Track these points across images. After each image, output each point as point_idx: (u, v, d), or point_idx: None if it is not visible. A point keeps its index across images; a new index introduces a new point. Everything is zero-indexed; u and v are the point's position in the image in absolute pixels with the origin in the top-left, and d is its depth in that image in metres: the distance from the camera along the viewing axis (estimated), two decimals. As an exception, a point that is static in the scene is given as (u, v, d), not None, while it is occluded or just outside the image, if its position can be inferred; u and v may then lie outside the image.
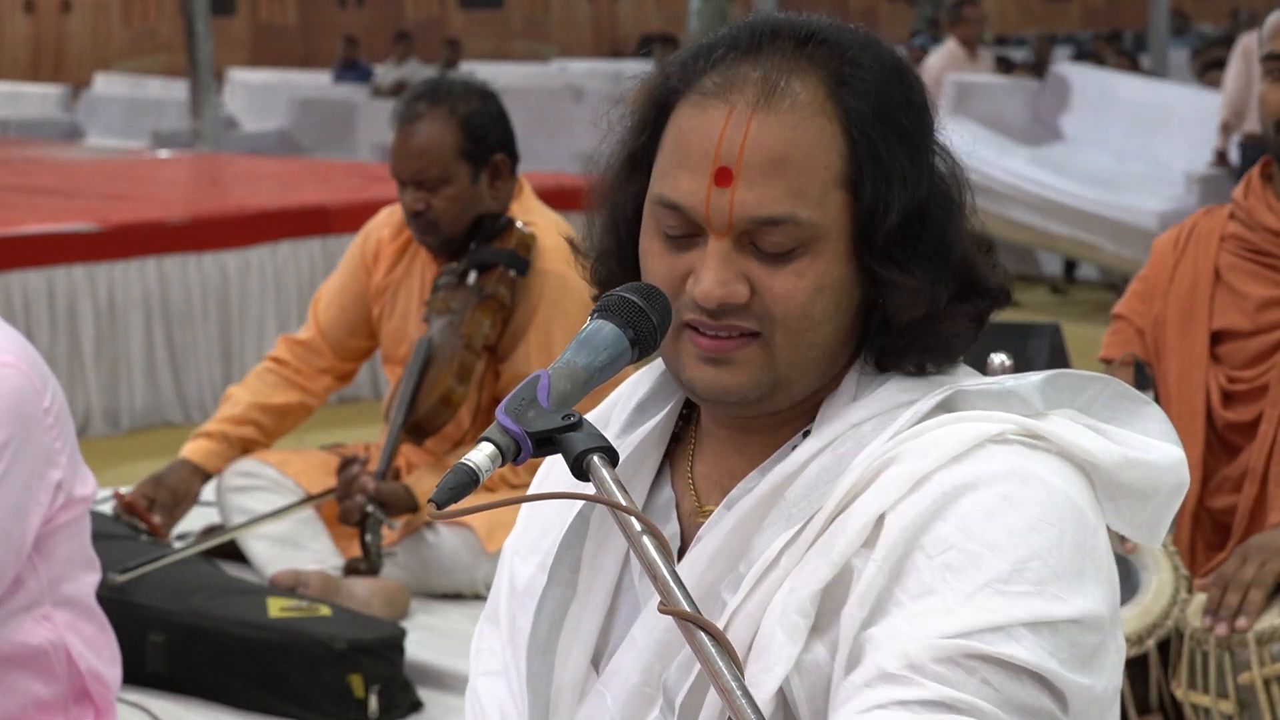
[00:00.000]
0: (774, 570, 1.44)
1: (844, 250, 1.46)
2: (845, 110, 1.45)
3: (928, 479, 1.41)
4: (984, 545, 1.38)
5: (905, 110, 1.47)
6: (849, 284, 1.46)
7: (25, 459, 2.43)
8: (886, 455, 1.43)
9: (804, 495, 1.46)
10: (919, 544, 1.39)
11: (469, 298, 3.86)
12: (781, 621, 1.41)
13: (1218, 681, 2.56)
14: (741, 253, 1.46)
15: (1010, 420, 1.45)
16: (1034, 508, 1.40)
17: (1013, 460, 1.42)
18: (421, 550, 3.89)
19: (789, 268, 1.45)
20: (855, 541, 1.41)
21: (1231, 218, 2.90)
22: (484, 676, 1.66)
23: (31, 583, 2.51)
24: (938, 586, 1.37)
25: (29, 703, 2.53)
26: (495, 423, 1.40)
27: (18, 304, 6.55)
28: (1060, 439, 1.45)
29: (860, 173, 1.45)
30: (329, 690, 3.39)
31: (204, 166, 10.17)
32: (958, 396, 1.47)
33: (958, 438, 1.43)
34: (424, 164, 3.83)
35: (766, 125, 1.44)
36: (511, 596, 1.64)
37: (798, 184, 1.44)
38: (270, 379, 4.15)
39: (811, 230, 1.44)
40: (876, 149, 1.45)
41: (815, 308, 1.45)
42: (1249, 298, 2.85)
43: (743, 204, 1.44)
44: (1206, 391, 2.86)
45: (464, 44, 20.97)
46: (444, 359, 3.85)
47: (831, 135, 1.45)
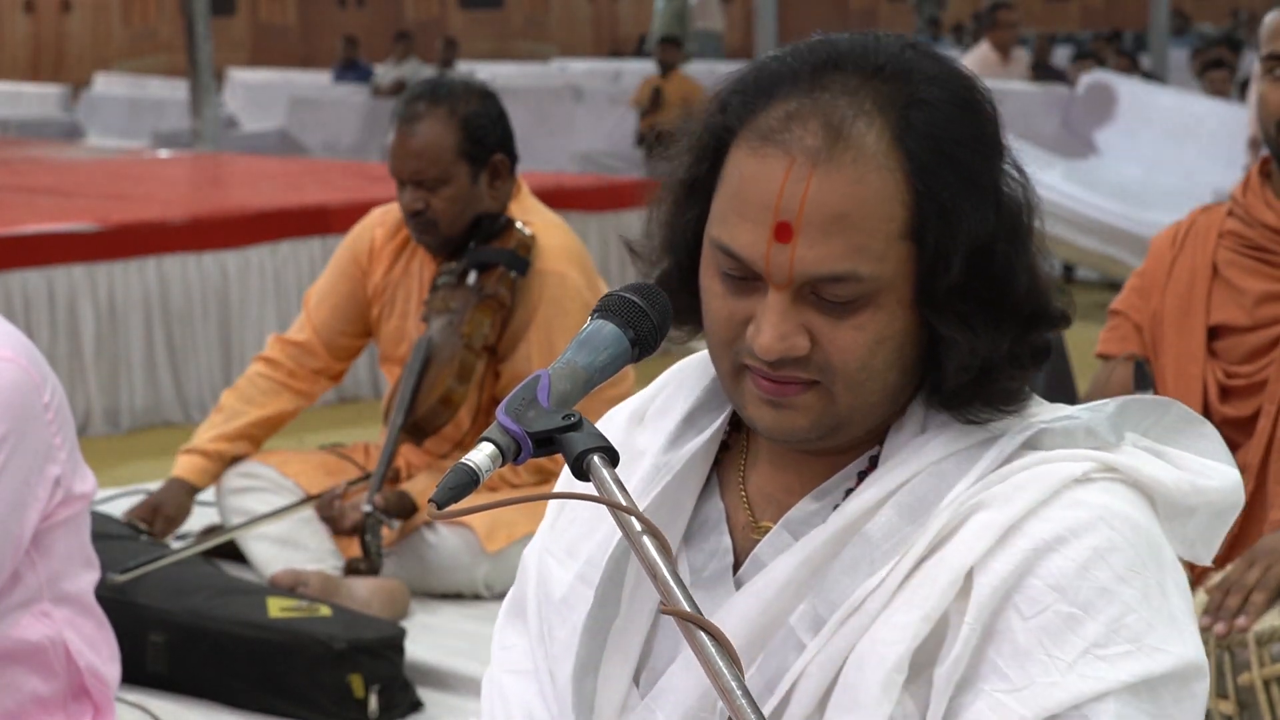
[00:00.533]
0: (857, 615, 1.41)
1: (907, 299, 1.42)
2: (909, 158, 1.40)
3: (1016, 530, 1.39)
4: (1078, 606, 1.37)
5: (972, 148, 1.43)
6: (911, 331, 1.43)
7: (24, 454, 2.43)
8: (973, 500, 1.41)
9: (885, 536, 1.43)
10: (1011, 603, 1.38)
11: (469, 297, 3.86)
12: (876, 676, 1.39)
13: (1217, 682, 2.56)
14: (802, 304, 1.42)
15: (1090, 458, 1.43)
16: (1123, 556, 1.39)
17: (1097, 502, 1.41)
18: (421, 550, 3.89)
19: (850, 321, 1.42)
20: (948, 594, 1.39)
21: (1230, 214, 2.91)
22: (511, 674, 1.64)
23: (30, 579, 2.51)
24: (1035, 653, 1.36)
25: (27, 699, 2.53)
26: (495, 423, 1.39)
27: (18, 304, 6.55)
28: (1135, 470, 1.44)
29: (924, 223, 1.41)
30: (329, 690, 3.39)
31: (204, 166, 10.17)
32: (1041, 435, 1.45)
33: (1043, 482, 1.41)
34: (423, 164, 3.83)
35: (827, 180, 1.39)
36: (546, 603, 1.61)
37: (859, 240, 1.40)
38: (264, 384, 4.13)
39: (873, 285, 1.40)
40: (940, 200, 1.40)
41: (876, 359, 1.43)
42: (1247, 293, 2.85)
43: (803, 261, 1.40)
44: (1204, 387, 2.87)
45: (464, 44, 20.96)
46: (444, 359, 3.85)
47: (895, 187, 1.40)
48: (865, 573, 1.43)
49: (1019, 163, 1.47)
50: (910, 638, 1.39)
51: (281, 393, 4.13)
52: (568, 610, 1.58)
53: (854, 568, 1.43)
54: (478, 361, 3.86)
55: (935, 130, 1.41)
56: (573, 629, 1.56)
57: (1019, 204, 1.45)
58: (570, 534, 1.63)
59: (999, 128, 1.46)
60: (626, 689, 1.54)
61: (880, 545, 1.43)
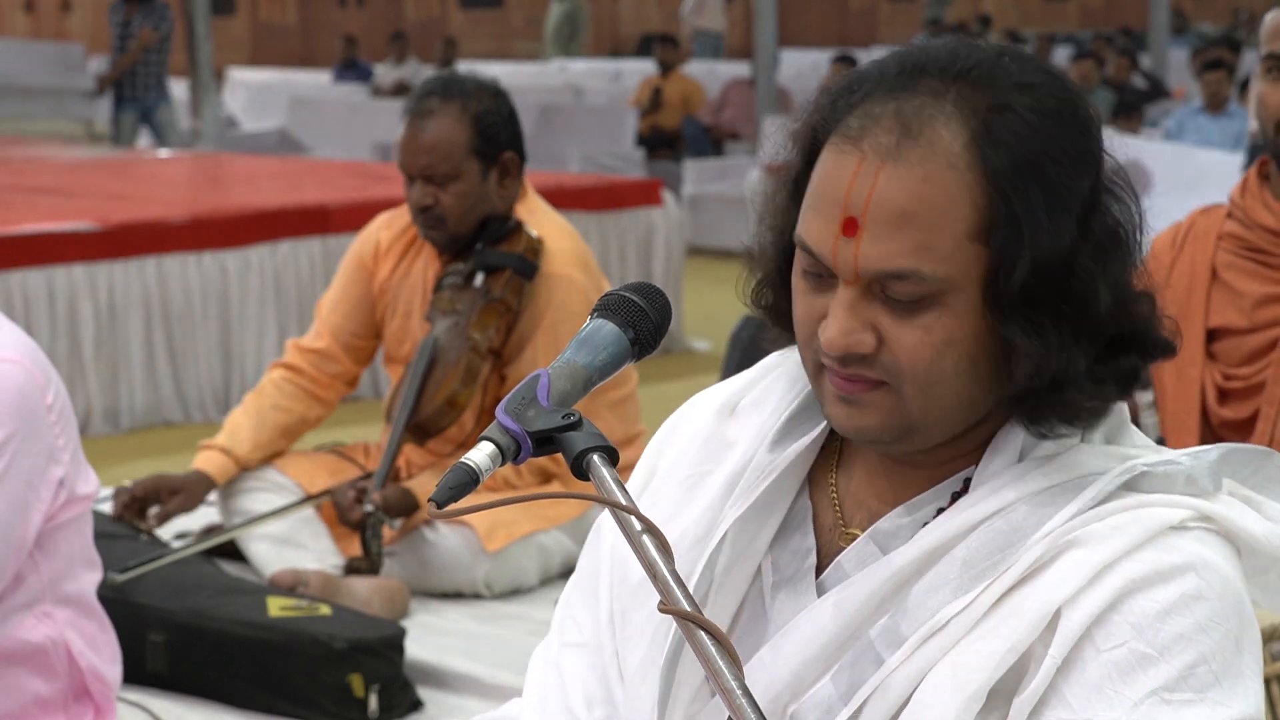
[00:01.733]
0: (940, 636, 1.41)
1: (977, 303, 1.40)
2: (985, 160, 1.39)
3: (1108, 570, 1.39)
4: (1153, 647, 1.37)
5: (1057, 158, 1.40)
6: (983, 337, 1.41)
7: (28, 455, 2.43)
8: (1068, 537, 1.40)
9: (975, 561, 1.42)
10: (1089, 634, 1.38)
11: (475, 300, 3.86)
12: (954, 701, 1.38)
13: (1217, 681, 2.56)
14: (871, 301, 1.41)
15: (1189, 505, 1.43)
16: (1207, 607, 1.39)
17: (1191, 551, 1.40)
18: (421, 550, 3.89)
19: (917, 320, 1.40)
20: (1035, 629, 1.39)
21: (1229, 216, 2.90)
22: (569, 647, 1.63)
23: (33, 580, 2.51)
24: (1103, 687, 1.36)
25: (29, 700, 2.53)
26: (495, 422, 1.39)
27: (18, 304, 6.55)
28: (1230, 521, 1.44)
29: (995, 227, 1.39)
30: (329, 690, 3.39)
31: (204, 166, 10.17)
32: (1141, 479, 1.44)
33: (1140, 525, 1.40)
34: (434, 159, 3.83)
35: (895, 177, 1.39)
36: (621, 585, 1.59)
37: (924, 238, 1.38)
38: (290, 390, 4.12)
39: (939, 285, 1.39)
40: (1013, 205, 1.38)
41: (944, 363, 1.41)
42: (1246, 295, 2.85)
43: (866, 257, 1.40)
44: (1202, 389, 2.87)
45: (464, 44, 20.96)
46: (449, 360, 3.85)
47: (966, 187, 1.39)
48: (951, 595, 1.42)
49: (1124, 182, 1.45)
50: (993, 668, 1.38)
51: (306, 399, 4.13)
52: (646, 595, 1.55)
53: (940, 588, 1.42)
54: (483, 364, 3.86)
55: (1017, 135, 1.39)
56: (648, 614, 1.54)
57: (1114, 222, 1.43)
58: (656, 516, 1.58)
59: (1096, 142, 1.44)
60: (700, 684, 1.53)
61: (969, 569, 1.42)
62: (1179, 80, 15.72)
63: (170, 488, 3.92)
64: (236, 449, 4.02)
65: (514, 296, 3.86)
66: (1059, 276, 1.39)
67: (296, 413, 4.11)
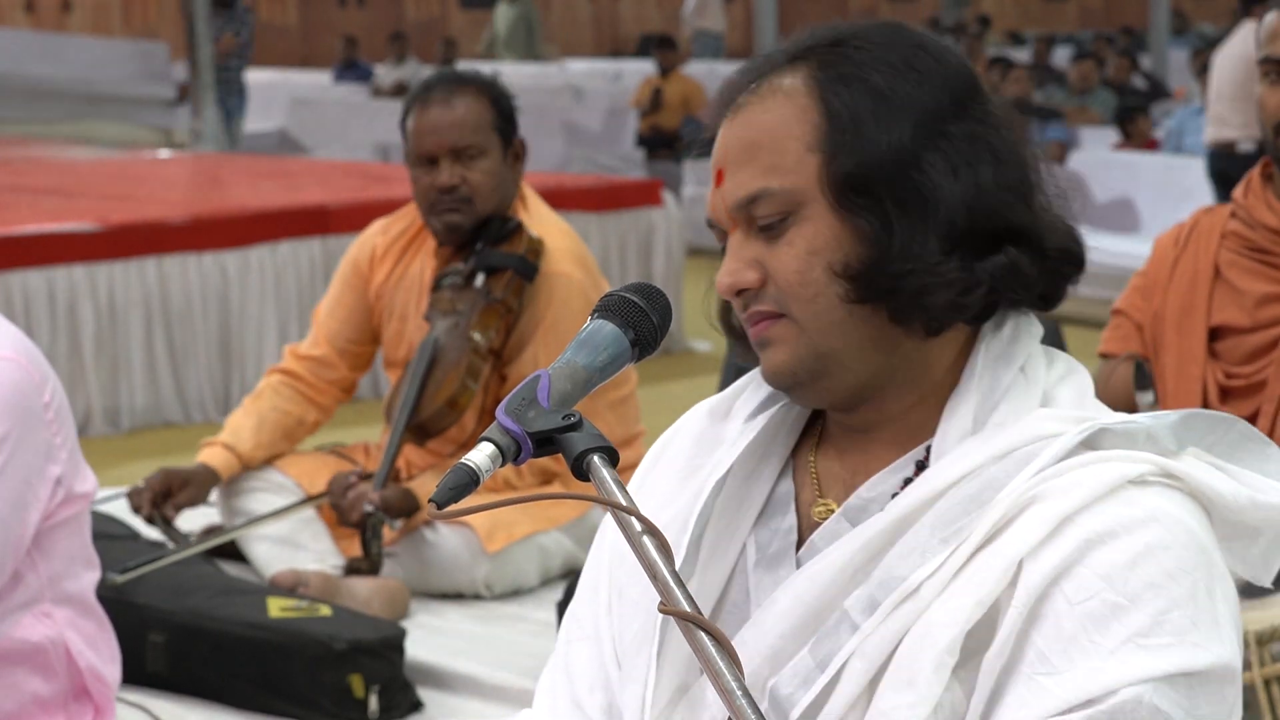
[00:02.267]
0: (913, 600, 1.43)
1: (829, 207, 1.49)
2: (819, 85, 1.51)
3: (1069, 522, 1.41)
4: (1124, 596, 1.38)
5: (883, 73, 1.51)
6: (845, 241, 1.49)
7: (25, 453, 2.43)
8: (1030, 493, 1.43)
9: (943, 525, 1.45)
10: (1059, 588, 1.39)
11: (476, 300, 3.86)
12: (928, 656, 1.41)
13: (1218, 681, 2.56)
14: (751, 240, 1.52)
15: (1149, 461, 1.45)
16: (1173, 555, 1.40)
17: (1152, 503, 1.43)
18: (422, 550, 3.89)
19: (784, 240, 1.50)
20: (1001, 582, 1.41)
21: (1233, 216, 2.91)
22: (572, 643, 1.66)
23: (31, 579, 2.51)
24: (1078, 638, 1.38)
25: (28, 700, 2.53)
26: (496, 423, 1.40)
27: (18, 304, 6.55)
28: (1193, 479, 1.46)
29: (832, 135, 1.49)
30: (329, 690, 3.39)
31: (204, 166, 10.17)
32: (1100, 435, 1.47)
33: (1100, 479, 1.43)
34: (464, 133, 3.83)
35: (740, 119, 1.53)
36: (619, 567, 1.63)
37: (770, 160, 1.50)
38: (289, 394, 4.13)
39: (789, 197, 1.50)
40: (840, 112, 1.50)
41: (813, 271, 1.49)
42: (1248, 294, 2.86)
43: (728, 193, 1.52)
44: (1203, 387, 2.87)
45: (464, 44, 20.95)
46: (450, 361, 3.85)
47: (804, 108, 1.50)
48: (921, 559, 1.45)
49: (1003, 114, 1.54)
50: (963, 620, 1.41)
51: (304, 403, 4.13)
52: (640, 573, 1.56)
53: (910, 554, 1.45)
54: (484, 365, 3.85)
55: (849, 59, 1.52)
56: (645, 588, 1.56)
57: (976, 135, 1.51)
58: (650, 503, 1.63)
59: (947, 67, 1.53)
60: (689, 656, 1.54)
61: (938, 533, 1.45)
62: (1179, 80, 15.72)
63: (179, 480, 3.93)
64: (239, 446, 4.02)
65: (515, 298, 3.85)
66: (896, 173, 1.49)
67: (295, 415, 4.11)
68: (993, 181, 1.50)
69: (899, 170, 1.49)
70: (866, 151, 1.48)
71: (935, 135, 1.50)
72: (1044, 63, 16.54)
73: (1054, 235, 1.53)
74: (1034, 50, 17.47)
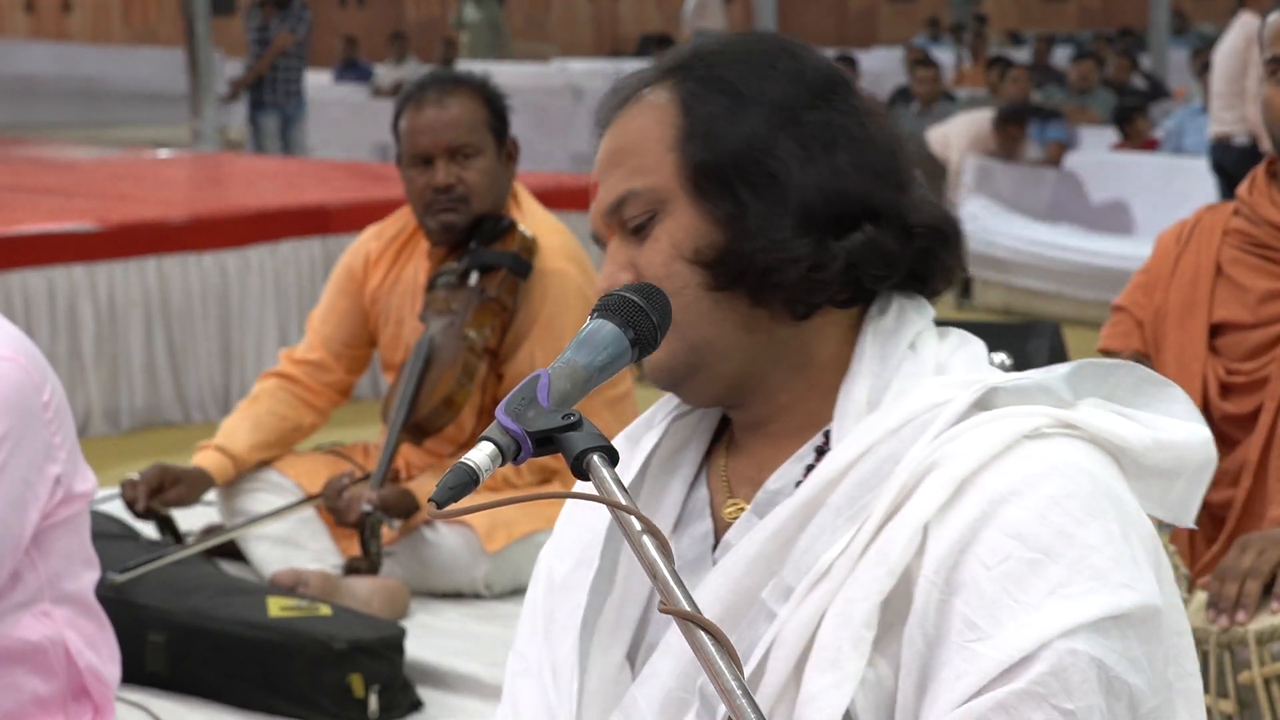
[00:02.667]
0: (826, 581, 1.45)
1: (687, 202, 1.54)
2: (679, 87, 1.57)
3: (969, 484, 1.42)
4: (1039, 551, 1.39)
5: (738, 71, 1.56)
6: (703, 229, 1.53)
7: (24, 453, 2.43)
8: (928, 460, 1.45)
9: (848, 503, 1.47)
10: (973, 554, 1.40)
11: (471, 299, 3.86)
12: (846, 634, 1.41)
13: (1218, 681, 2.56)
14: (626, 244, 1.57)
15: (1044, 414, 1.46)
16: (1080, 502, 1.41)
17: (1051, 454, 1.44)
18: (421, 549, 3.89)
19: (650, 239, 1.56)
20: (908, 551, 1.42)
21: (1236, 213, 2.91)
22: (516, 678, 1.68)
23: (30, 579, 2.51)
24: (1002, 600, 1.38)
25: (28, 699, 2.53)
26: (495, 422, 1.40)
27: (18, 304, 6.55)
28: (1092, 426, 1.47)
29: (690, 134, 1.55)
30: (329, 690, 3.39)
31: (204, 166, 10.17)
32: (992, 394, 1.48)
33: (996, 437, 1.44)
34: (460, 132, 3.83)
35: (611, 130, 1.60)
36: (549, 593, 1.66)
37: (634, 163, 1.56)
38: (285, 397, 4.13)
39: (652, 195, 1.55)
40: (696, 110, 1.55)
41: (676, 264, 1.54)
42: (1251, 291, 2.86)
43: (599, 203, 1.59)
44: (1204, 383, 2.87)
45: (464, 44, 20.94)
46: (445, 360, 3.85)
47: (665, 111, 1.56)
48: (830, 540, 1.46)
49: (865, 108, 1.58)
50: (875, 593, 1.42)
51: (300, 406, 4.13)
52: (567, 593, 1.63)
53: (819, 537, 1.47)
54: (480, 363, 3.85)
55: (707, 64, 1.58)
56: (573, 608, 1.60)
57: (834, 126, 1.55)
58: (572, 531, 1.68)
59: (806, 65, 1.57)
60: (619, 668, 1.58)
61: (843, 513, 1.47)
62: (1179, 80, 15.72)
63: (173, 477, 3.93)
64: (232, 447, 4.02)
65: (509, 295, 3.86)
66: (748, 160, 1.53)
67: (291, 419, 4.11)
68: (850, 164, 1.54)
69: (751, 157, 1.53)
70: (720, 142, 1.53)
71: (789, 123, 1.54)
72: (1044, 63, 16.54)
73: (920, 214, 1.55)
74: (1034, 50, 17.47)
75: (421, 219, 3.93)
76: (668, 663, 1.53)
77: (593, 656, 1.58)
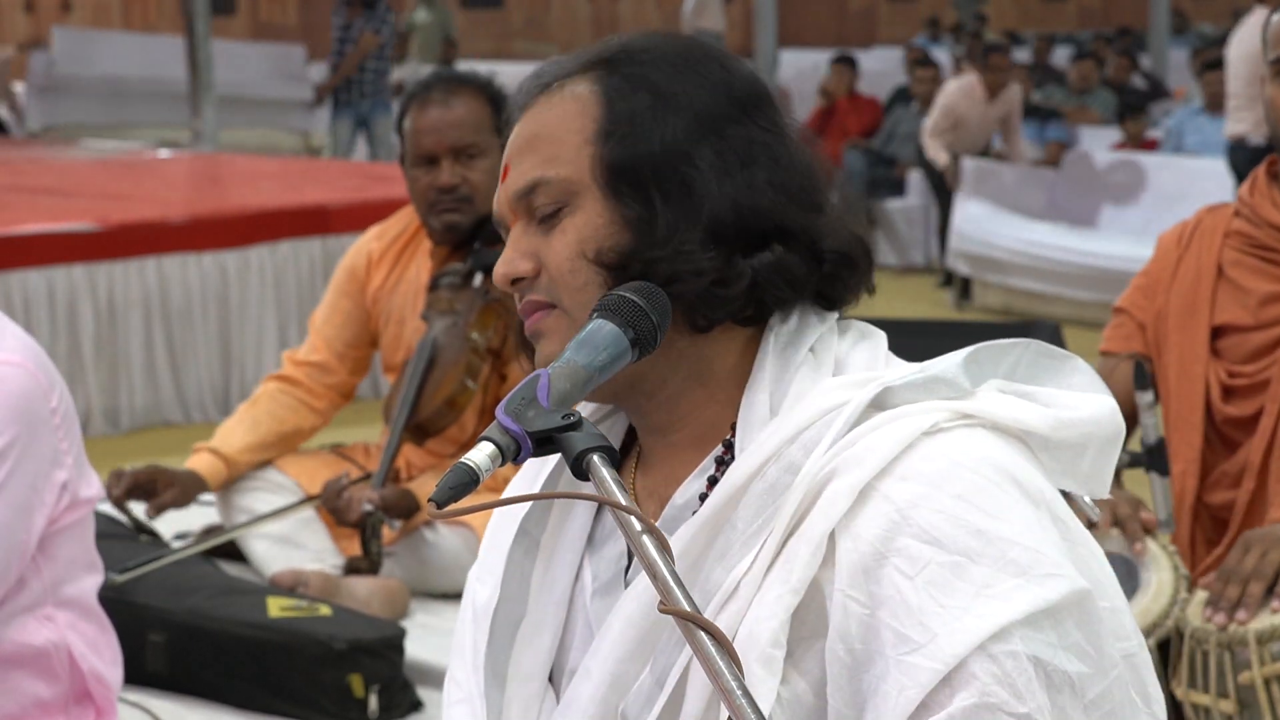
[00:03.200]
0: (733, 601, 1.42)
1: (600, 198, 1.52)
2: (602, 82, 1.55)
3: (872, 490, 1.40)
4: (958, 553, 1.36)
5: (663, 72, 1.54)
6: (611, 228, 1.51)
7: (31, 459, 2.43)
8: (827, 468, 1.42)
9: (750, 520, 1.44)
10: (891, 564, 1.37)
11: (474, 300, 3.86)
12: (754, 654, 1.39)
13: (1218, 681, 2.56)
14: (529, 232, 1.55)
15: (941, 409, 1.44)
16: (989, 496, 1.39)
17: (952, 449, 1.41)
18: (422, 549, 3.89)
19: (557, 229, 1.53)
20: (813, 563, 1.39)
21: (1237, 214, 2.91)
22: (452, 706, 1.66)
23: (34, 583, 2.51)
24: (929, 607, 1.35)
25: (30, 703, 2.53)
26: (495, 422, 1.39)
27: (18, 304, 6.56)
28: (993, 415, 1.44)
29: (609, 129, 1.53)
30: (329, 690, 3.39)
31: (204, 166, 10.17)
32: (886, 393, 1.45)
33: (893, 438, 1.41)
34: (464, 132, 3.83)
35: (529, 115, 1.57)
36: (475, 621, 1.64)
37: (549, 151, 1.54)
38: (286, 400, 4.12)
39: (563, 186, 1.53)
40: (616, 104, 1.53)
41: (583, 259, 1.51)
42: (1252, 293, 2.85)
43: (508, 187, 1.56)
44: (1206, 386, 2.87)
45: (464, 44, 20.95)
46: (448, 360, 3.85)
47: (585, 105, 1.54)
48: (736, 558, 1.44)
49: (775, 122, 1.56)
50: (782, 610, 1.39)
51: (301, 409, 4.13)
52: (485, 619, 1.61)
53: (725, 555, 1.45)
54: (483, 364, 3.85)
55: (632, 60, 1.56)
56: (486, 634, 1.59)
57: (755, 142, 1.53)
58: (490, 554, 1.66)
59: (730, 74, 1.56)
60: (540, 692, 1.57)
61: (747, 529, 1.44)
62: (1179, 80, 15.72)
63: (166, 480, 3.92)
64: (226, 450, 4.01)
65: None
66: (665, 165, 1.51)
67: (291, 423, 4.10)
68: (766, 183, 1.52)
69: (668, 163, 1.51)
70: (639, 143, 1.51)
71: (711, 134, 1.52)
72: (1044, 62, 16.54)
73: (833, 240, 1.53)
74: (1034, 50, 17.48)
75: (425, 219, 3.93)
76: (587, 689, 1.50)
77: (511, 684, 1.57)
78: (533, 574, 1.59)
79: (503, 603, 1.59)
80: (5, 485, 2.41)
